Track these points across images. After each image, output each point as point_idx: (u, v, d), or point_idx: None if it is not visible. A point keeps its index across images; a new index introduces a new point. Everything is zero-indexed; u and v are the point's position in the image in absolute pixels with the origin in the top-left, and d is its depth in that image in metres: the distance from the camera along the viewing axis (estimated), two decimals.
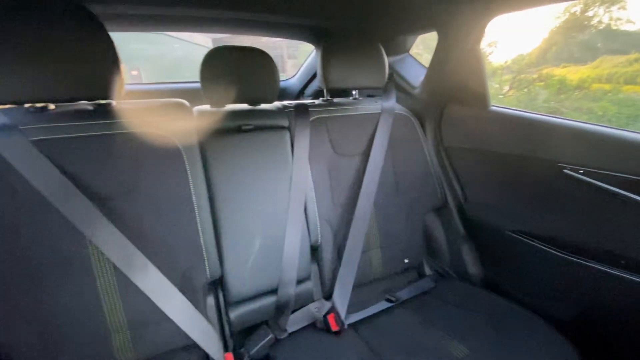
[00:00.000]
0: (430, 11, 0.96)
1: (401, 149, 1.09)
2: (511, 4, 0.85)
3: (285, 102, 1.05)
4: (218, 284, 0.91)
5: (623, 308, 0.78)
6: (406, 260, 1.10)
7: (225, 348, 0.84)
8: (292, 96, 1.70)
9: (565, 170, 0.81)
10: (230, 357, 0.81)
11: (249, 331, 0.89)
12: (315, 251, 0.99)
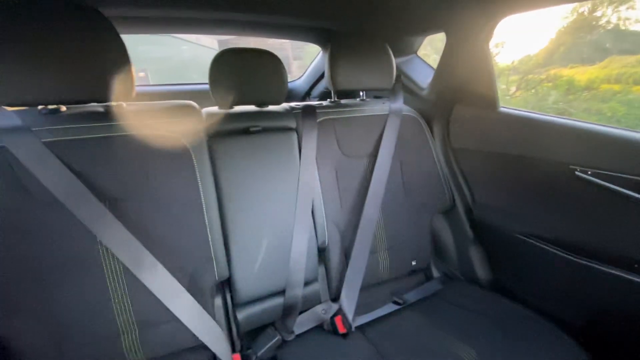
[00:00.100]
0: (438, 12, 0.96)
1: (409, 151, 1.09)
2: (520, 5, 0.85)
3: (293, 104, 1.05)
4: (226, 285, 0.92)
5: (635, 312, 0.77)
6: (413, 262, 1.09)
7: (233, 349, 0.84)
8: (298, 97, 1.71)
9: (576, 172, 0.80)
10: (237, 358, 0.81)
11: (256, 332, 0.89)
12: (322, 253, 0.99)
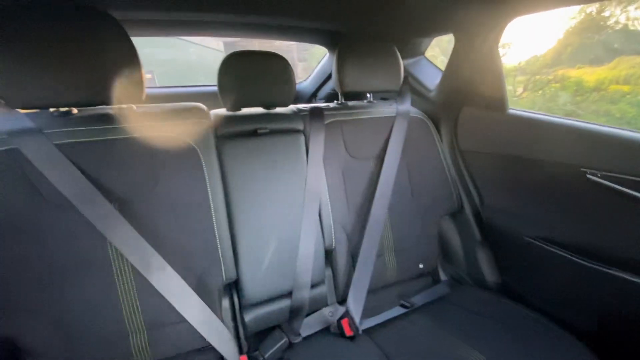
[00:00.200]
0: (447, 14, 0.95)
1: (416, 153, 1.08)
2: (530, 6, 0.84)
3: (300, 106, 1.05)
4: (233, 287, 0.92)
5: None
6: (421, 265, 1.09)
7: (240, 351, 0.84)
8: (304, 99, 1.71)
9: (588, 175, 0.79)
10: None
11: (263, 334, 0.89)
12: (329, 255, 0.99)
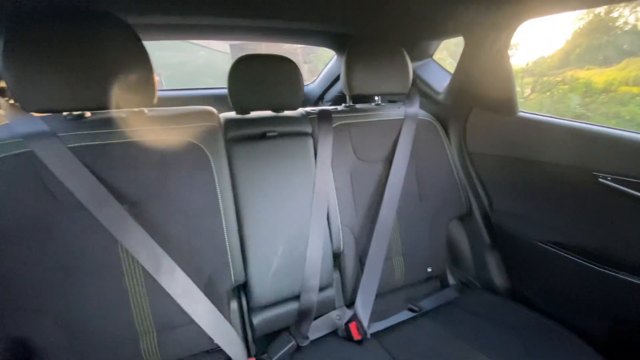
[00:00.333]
0: (457, 16, 0.94)
1: (425, 155, 1.08)
2: (541, 9, 0.83)
3: (308, 109, 1.05)
4: (241, 289, 0.92)
5: None
6: (429, 269, 1.08)
7: (248, 353, 0.84)
8: (311, 102, 1.71)
9: (600, 179, 0.78)
10: None
11: (271, 337, 0.89)
12: (337, 258, 0.98)
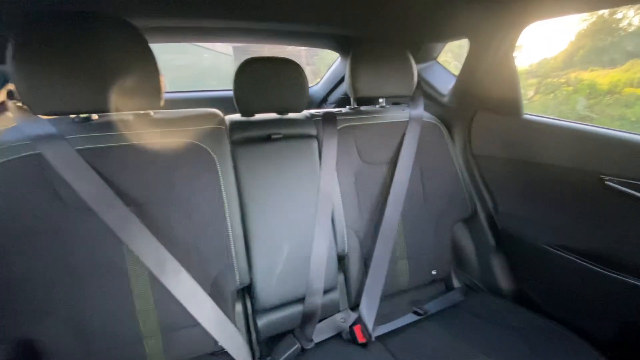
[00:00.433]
0: (462, 19, 0.94)
1: (429, 158, 1.07)
2: (547, 11, 0.83)
3: (313, 111, 1.05)
4: (246, 291, 0.92)
5: None
6: (434, 271, 1.07)
7: (252, 356, 0.84)
8: (315, 104, 1.71)
9: (606, 182, 0.77)
10: None
11: (275, 339, 0.89)
12: (341, 261, 0.98)
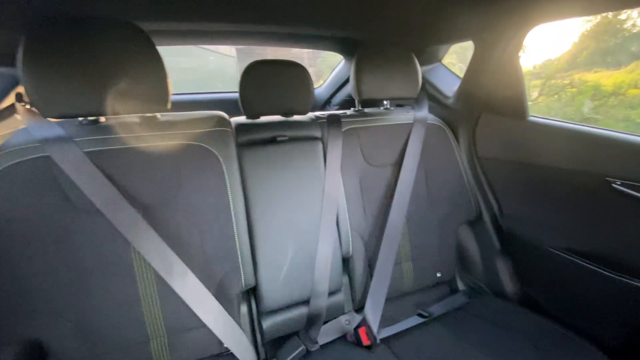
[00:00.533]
0: (467, 21, 0.94)
1: (434, 160, 1.07)
2: (553, 14, 0.82)
3: (318, 113, 1.06)
4: (251, 293, 0.92)
5: None
6: (438, 274, 1.07)
7: (257, 357, 0.84)
8: (318, 106, 1.72)
9: (613, 184, 0.77)
10: None
11: (280, 341, 0.89)
12: (346, 263, 0.98)
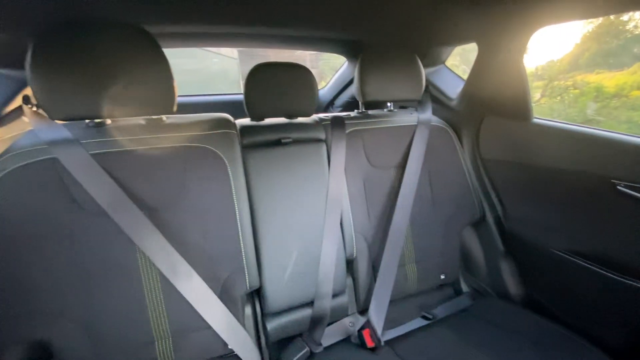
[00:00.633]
0: (471, 23, 0.94)
1: (438, 162, 1.07)
2: (556, 16, 0.82)
3: (322, 115, 1.06)
4: (256, 295, 0.92)
5: None
6: (442, 276, 1.07)
7: (262, 359, 0.84)
8: (322, 107, 1.72)
9: (618, 187, 0.77)
10: None
11: (284, 343, 0.89)
12: (350, 265, 0.98)
